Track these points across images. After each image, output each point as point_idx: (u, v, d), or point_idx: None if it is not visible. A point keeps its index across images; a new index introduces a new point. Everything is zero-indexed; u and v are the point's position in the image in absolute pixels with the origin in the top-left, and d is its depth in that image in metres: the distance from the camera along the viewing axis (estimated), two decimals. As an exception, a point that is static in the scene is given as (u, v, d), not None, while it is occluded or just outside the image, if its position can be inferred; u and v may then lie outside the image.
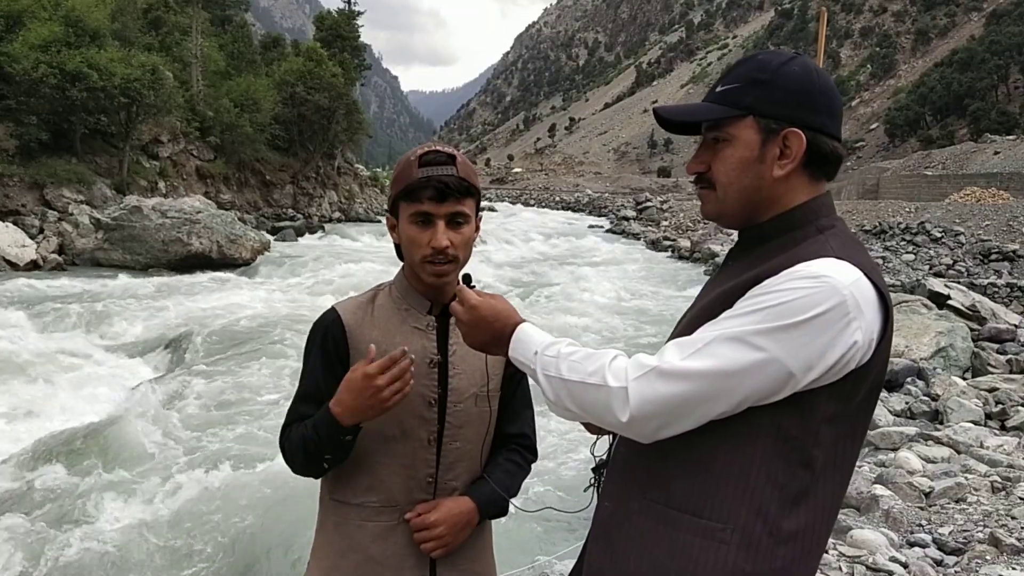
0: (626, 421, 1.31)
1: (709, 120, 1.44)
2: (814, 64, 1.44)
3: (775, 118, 1.38)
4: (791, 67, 1.40)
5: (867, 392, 1.35)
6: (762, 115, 1.39)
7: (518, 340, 1.48)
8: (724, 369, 1.27)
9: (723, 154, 1.43)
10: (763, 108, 1.39)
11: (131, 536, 5.60)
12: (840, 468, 1.37)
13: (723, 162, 1.43)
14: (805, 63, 1.42)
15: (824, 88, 1.40)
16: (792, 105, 1.38)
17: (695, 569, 1.33)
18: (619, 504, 1.47)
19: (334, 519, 1.81)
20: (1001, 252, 19.90)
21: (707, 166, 1.46)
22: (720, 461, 1.34)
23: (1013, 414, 7.45)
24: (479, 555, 1.89)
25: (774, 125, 1.38)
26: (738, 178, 1.41)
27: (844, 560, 4.15)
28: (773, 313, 1.26)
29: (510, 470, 1.90)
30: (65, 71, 24.43)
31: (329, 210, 42.98)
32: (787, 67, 1.40)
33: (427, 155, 1.73)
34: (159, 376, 9.84)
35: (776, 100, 1.38)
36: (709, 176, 1.45)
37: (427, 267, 1.73)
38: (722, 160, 1.43)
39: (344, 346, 1.78)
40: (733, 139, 1.41)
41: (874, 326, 1.29)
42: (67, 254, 20.90)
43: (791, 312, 1.25)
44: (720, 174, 1.43)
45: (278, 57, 47.23)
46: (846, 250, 1.34)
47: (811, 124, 1.38)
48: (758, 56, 1.46)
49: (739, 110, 1.40)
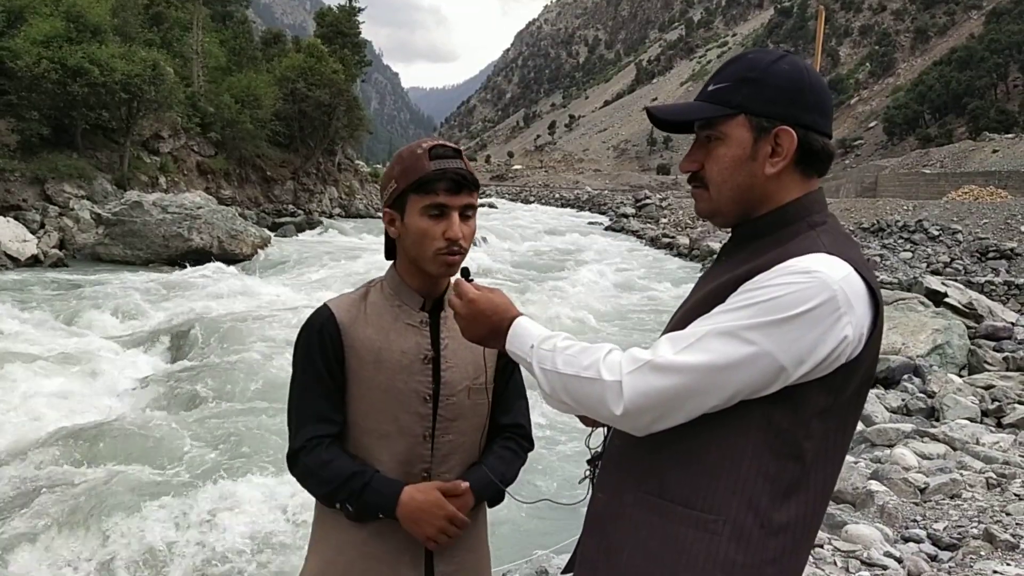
0: (620, 414, 1.33)
1: (701, 119, 1.46)
2: (804, 62, 1.46)
3: (766, 116, 1.39)
4: (781, 65, 1.41)
5: (857, 386, 1.37)
6: (753, 113, 1.40)
7: (514, 334, 1.50)
8: (716, 363, 1.29)
9: (716, 152, 1.44)
10: (754, 106, 1.40)
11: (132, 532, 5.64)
12: (830, 460, 1.39)
13: (716, 161, 1.44)
14: (795, 61, 1.43)
15: (814, 86, 1.42)
16: (783, 103, 1.39)
17: (687, 560, 1.35)
18: (613, 496, 1.48)
19: (331, 513, 1.80)
20: (998, 250, 19.92)
21: (700, 164, 1.47)
22: (712, 454, 1.35)
23: (1009, 411, 7.50)
24: (475, 545, 1.89)
25: (766, 123, 1.39)
26: (731, 176, 1.43)
27: (839, 555, 4.19)
28: (764, 308, 1.28)
29: (505, 457, 1.90)
30: (66, 66, 24.39)
31: (329, 206, 42.93)
32: (777, 65, 1.41)
33: (436, 148, 1.74)
34: (160, 370, 9.85)
35: (767, 98, 1.39)
36: (702, 175, 1.47)
37: (439, 259, 1.73)
38: (715, 159, 1.44)
39: (339, 343, 1.78)
40: (725, 137, 1.42)
41: (864, 321, 1.31)
42: (68, 249, 20.89)
43: (782, 307, 1.27)
44: (713, 173, 1.45)
45: (279, 53, 47.08)
46: (837, 246, 1.36)
47: (802, 121, 1.39)
48: (748, 55, 1.47)
49: (730, 109, 1.41)
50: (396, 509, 1.71)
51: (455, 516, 1.73)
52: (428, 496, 1.72)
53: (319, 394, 1.79)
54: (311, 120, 41.94)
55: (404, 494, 1.72)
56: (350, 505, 1.73)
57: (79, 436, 7.16)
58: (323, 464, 1.74)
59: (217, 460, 6.89)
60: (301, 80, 41.19)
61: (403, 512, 1.71)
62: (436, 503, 1.72)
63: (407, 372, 1.78)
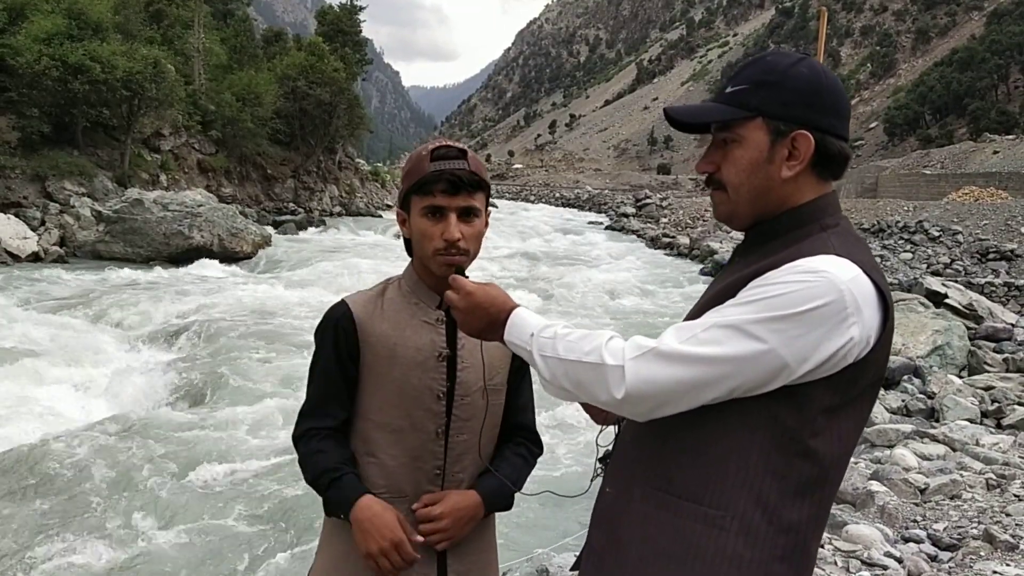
0: (621, 398, 1.34)
1: (718, 121, 1.46)
2: (822, 65, 1.46)
3: (784, 120, 1.40)
4: (800, 68, 1.42)
5: (866, 387, 1.38)
6: (771, 116, 1.41)
7: (513, 324, 1.51)
8: (720, 355, 1.30)
9: (733, 155, 1.45)
10: (772, 109, 1.41)
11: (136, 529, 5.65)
12: (844, 462, 1.41)
13: (733, 163, 1.45)
14: (813, 64, 1.43)
15: (832, 89, 1.42)
16: (801, 107, 1.40)
17: (696, 554, 1.36)
18: (622, 491, 1.49)
19: None
20: (999, 251, 19.92)
21: (716, 166, 1.48)
22: (721, 451, 1.36)
23: (1009, 412, 7.51)
24: (485, 546, 1.91)
25: (783, 127, 1.40)
26: (748, 179, 1.44)
27: (840, 555, 4.21)
28: (771, 304, 1.29)
29: (517, 464, 1.92)
30: (67, 64, 24.39)
31: (330, 204, 42.93)
32: (795, 68, 1.42)
33: (439, 149, 1.76)
34: (160, 368, 9.87)
35: (785, 102, 1.40)
36: (719, 177, 1.48)
37: (438, 259, 1.74)
38: (732, 161, 1.45)
39: (354, 339, 1.80)
40: (743, 140, 1.43)
41: (872, 323, 1.32)
42: (68, 246, 20.89)
43: (788, 304, 1.28)
44: (731, 175, 1.45)
45: (280, 51, 47.04)
46: (847, 248, 1.37)
47: (819, 125, 1.40)
48: (766, 57, 1.47)
49: (747, 112, 1.42)
50: (351, 512, 1.73)
51: (402, 545, 1.70)
52: (385, 514, 1.72)
53: (324, 387, 1.83)
54: (312, 118, 41.92)
55: (363, 499, 1.73)
56: (323, 498, 1.79)
57: (76, 433, 7.17)
58: (311, 454, 1.80)
59: (219, 456, 6.90)
60: (302, 78, 41.17)
61: (355, 516, 1.72)
62: (388, 524, 1.71)
63: (421, 368, 1.79)
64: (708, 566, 1.35)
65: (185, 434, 7.47)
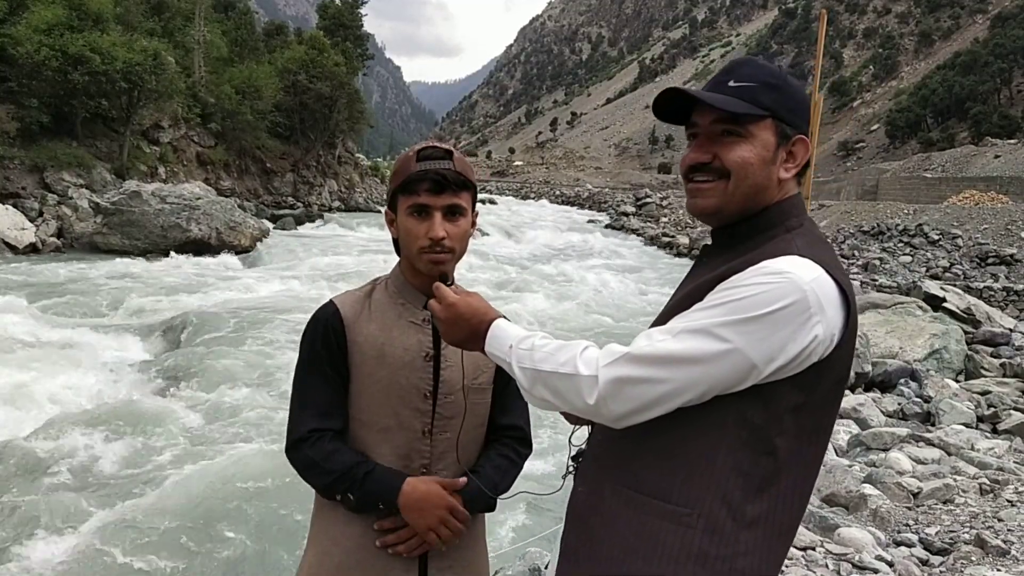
0: (594, 405, 1.38)
1: (730, 113, 1.46)
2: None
3: (790, 124, 1.47)
4: (791, 77, 1.51)
5: (831, 384, 1.41)
6: (779, 119, 1.46)
7: (493, 336, 1.54)
8: (689, 358, 1.33)
9: (736, 149, 1.46)
10: (781, 112, 1.46)
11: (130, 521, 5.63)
12: (804, 458, 1.43)
13: (739, 156, 1.46)
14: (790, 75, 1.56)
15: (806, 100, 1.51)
16: (800, 113, 1.48)
17: (661, 551, 1.39)
18: (593, 489, 1.53)
19: (329, 506, 1.83)
20: (998, 256, 19.95)
21: (712, 156, 1.48)
22: (687, 448, 1.40)
23: (1005, 417, 7.50)
24: (471, 543, 1.92)
25: (788, 131, 1.47)
26: (754, 174, 1.46)
27: (830, 557, 4.19)
28: (737, 307, 1.33)
29: (500, 466, 1.92)
30: (67, 54, 24.40)
31: (329, 199, 42.97)
32: (789, 77, 1.51)
33: (424, 150, 1.79)
34: (155, 360, 9.87)
35: (790, 107, 1.47)
36: (718, 166, 1.47)
37: (424, 257, 1.77)
38: (735, 155, 1.46)
39: (343, 339, 1.81)
40: (751, 137, 1.46)
41: (836, 321, 1.35)
42: (66, 238, 20.91)
43: (753, 306, 1.32)
44: (738, 167, 1.46)
45: (281, 45, 47.11)
46: (810, 248, 1.41)
47: (805, 132, 1.49)
48: (756, 60, 1.52)
49: (762, 110, 1.45)
50: (398, 498, 1.75)
51: (455, 508, 1.77)
52: (430, 487, 1.77)
53: (322, 388, 1.83)
54: (312, 112, 41.97)
55: (407, 484, 1.76)
56: (351, 494, 1.76)
57: (72, 424, 7.15)
58: (327, 454, 1.78)
59: (213, 448, 6.88)
60: (302, 72, 41.23)
61: (405, 501, 1.75)
62: (437, 494, 1.77)
63: (408, 368, 1.81)
64: (674, 563, 1.38)
65: (180, 422, 7.46)
